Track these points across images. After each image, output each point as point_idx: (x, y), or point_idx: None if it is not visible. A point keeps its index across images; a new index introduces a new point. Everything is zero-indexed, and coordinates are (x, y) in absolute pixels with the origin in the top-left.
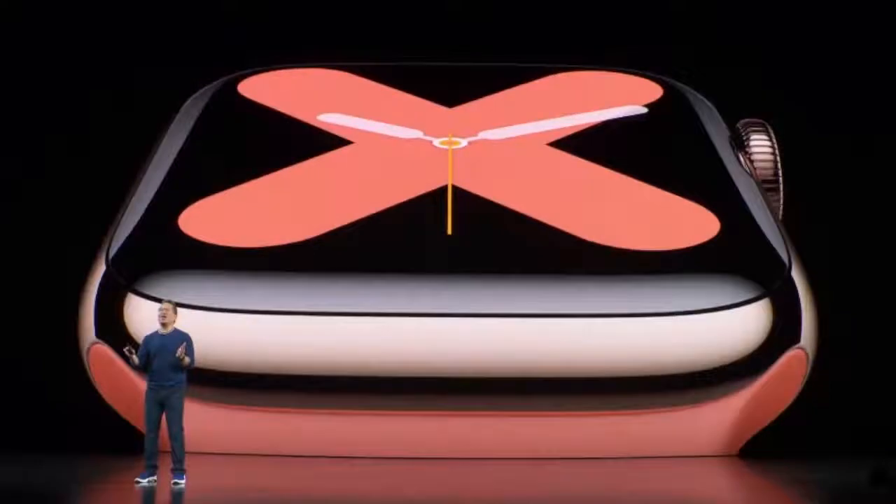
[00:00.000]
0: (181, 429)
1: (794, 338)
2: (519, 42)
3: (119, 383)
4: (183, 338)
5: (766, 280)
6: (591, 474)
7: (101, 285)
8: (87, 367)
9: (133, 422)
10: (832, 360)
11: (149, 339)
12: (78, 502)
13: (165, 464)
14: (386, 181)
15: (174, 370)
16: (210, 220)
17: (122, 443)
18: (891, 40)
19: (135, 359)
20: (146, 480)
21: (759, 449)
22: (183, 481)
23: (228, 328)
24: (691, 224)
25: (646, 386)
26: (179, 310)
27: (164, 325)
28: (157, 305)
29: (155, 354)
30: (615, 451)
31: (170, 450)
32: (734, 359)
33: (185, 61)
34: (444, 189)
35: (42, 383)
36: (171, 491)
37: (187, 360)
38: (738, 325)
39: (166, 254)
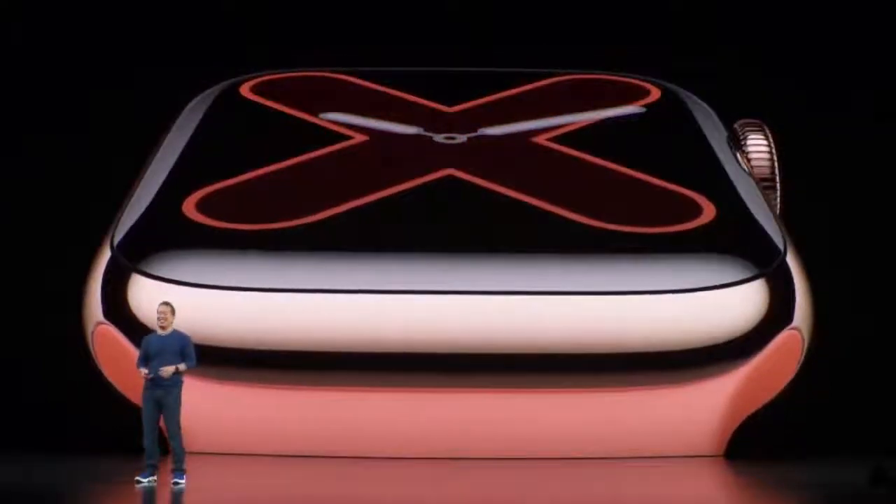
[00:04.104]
0: (179, 427)
1: (787, 318)
2: (518, 42)
3: (123, 364)
4: (183, 339)
5: (762, 261)
6: (580, 476)
7: (107, 266)
8: (91, 347)
9: (135, 400)
10: (831, 357)
11: (148, 340)
12: (78, 502)
13: (165, 464)
14: (386, 173)
15: None
16: (215, 205)
17: (122, 443)
18: (891, 40)
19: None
20: (146, 480)
21: (758, 449)
22: (183, 481)
23: (230, 306)
24: (689, 211)
25: (640, 363)
26: (187, 288)
27: (162, 327)
28: (161, 286)
29: (154, 356)
30: (608, 428)
31: (170, 450)
32: (729, 338)
33: (185, 61)
34: (443, 178)
35: (42, 383)
36: (171, 491)
37: (181, 367)
38: (734, 303)
39: (170, 235)
